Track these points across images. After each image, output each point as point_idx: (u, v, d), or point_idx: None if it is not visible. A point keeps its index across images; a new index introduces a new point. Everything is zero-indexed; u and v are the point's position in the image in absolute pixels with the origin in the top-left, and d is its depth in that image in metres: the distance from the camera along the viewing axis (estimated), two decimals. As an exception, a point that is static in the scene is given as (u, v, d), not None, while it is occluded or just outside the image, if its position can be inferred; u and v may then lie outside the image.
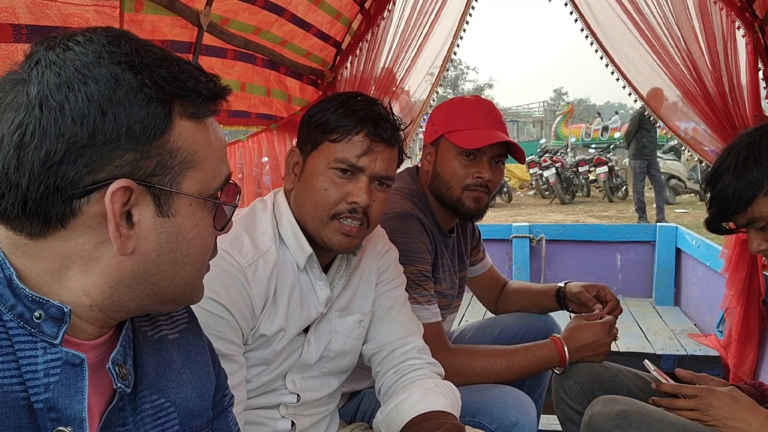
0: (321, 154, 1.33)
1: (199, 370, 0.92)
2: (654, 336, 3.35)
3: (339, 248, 1.36)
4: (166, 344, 0.89)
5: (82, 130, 0.66)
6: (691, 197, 14.07)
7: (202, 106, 0.75)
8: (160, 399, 0.84)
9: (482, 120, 1.83)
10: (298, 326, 1.39)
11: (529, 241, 4.20)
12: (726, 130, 2.67)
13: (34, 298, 0.70)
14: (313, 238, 1.37)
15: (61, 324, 0.70)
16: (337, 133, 1.31)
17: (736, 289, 2.80)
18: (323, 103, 1.37)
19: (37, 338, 0.70)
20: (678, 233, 4.02)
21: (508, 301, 2.30)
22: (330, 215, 1.32)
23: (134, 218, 0.71)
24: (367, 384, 1.82)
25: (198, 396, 0.90)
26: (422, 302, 1.75)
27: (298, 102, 2.84)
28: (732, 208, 1.44)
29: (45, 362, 0.69)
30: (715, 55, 2.58)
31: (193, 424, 0.88)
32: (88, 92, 0.67)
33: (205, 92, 0.75)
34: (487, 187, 1.84)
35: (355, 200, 1.31)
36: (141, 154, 0.69)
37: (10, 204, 0.67)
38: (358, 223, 1.33)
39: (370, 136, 1.31)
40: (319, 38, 2.75)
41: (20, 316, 0.69)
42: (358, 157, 1.31)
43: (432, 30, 3.01)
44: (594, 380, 1.77)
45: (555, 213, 12.81)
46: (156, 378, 0.84)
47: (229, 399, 1.00)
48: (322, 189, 1.32)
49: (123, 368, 0.78)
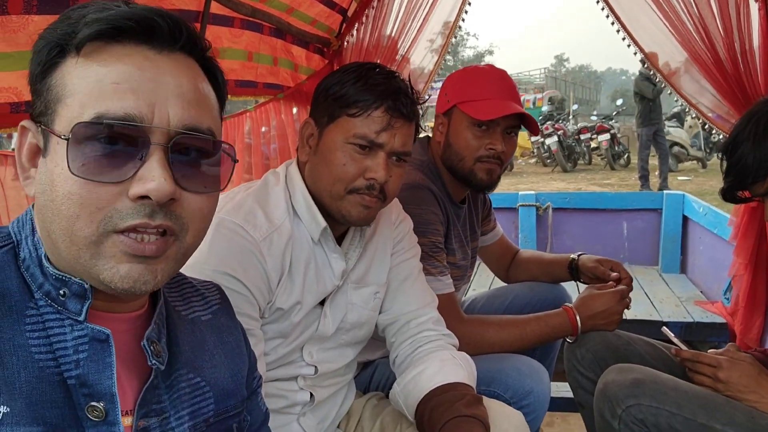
0: (339, 128, 1.31)
1: (232, 351, 0.93)
2: (661, 303, 3.37)
3: (357, 221, 1.35)
4: (199, 325, 0.90)
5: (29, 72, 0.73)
6: (693, 164, 14.04)
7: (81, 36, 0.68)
8: (196, 378, 0.84)
9: (496, 90, 1.80)
10: (314, 299, 1.39)
11: (535, 209, 4.20)
12: (737, 96, 2.64)
13: (58, 276, 0.71)
14: (329, 212, 1.35)
15: (83, 300, 0.71)
16: (355, 108, 1.29)
17: (744, 257, 2.80)
18: (340, 75, 1.34)
19: (64, 315, 0.71)
20: (685, 201, 4.02)
21: (520, 270, 2.30)
22: (347, 190, 1.30)
23: (37, 161, 0.72)
24: (381, 354, 1.83)
25: (231, 376, 0.90)
26: (435, 273, 1.75)
27: (304, 71, 2.81)
28: (751, 177, 1.43)
29: (73, 339, 0.70)
30: (728, 20, 2.54)
31: (228, 403, 0.88)
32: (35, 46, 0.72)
33: (87, 20, 0.69)
34: (500, 159, 1.82)
35: (373, 176, 1.29)
36: (36, 95, 0.72)
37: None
38: (375, 198, 1.32)
39: (389, 112, 1.29)
40: (326, 5, 2.71)
41: (48, 294, 0.71)
42: (377, 133, 1.28)
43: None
44: (606, 348, 1.78)
45: (557, 181, 12.79)
46: (192, 357, 0.85)
47: (258, 380, 1.01)
48: (340, 164, 1.29)
49: (158, 345, 0.78)
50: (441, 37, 3.20)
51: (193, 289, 0.95)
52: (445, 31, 3.15)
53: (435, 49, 3.23)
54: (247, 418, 0.95)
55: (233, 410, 0.89)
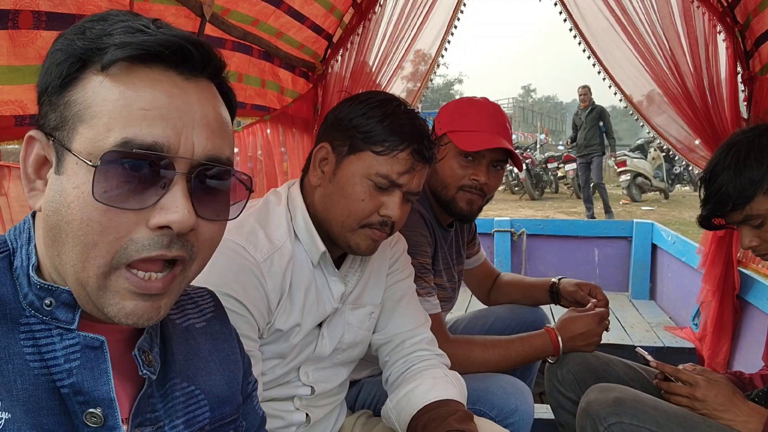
0: (361, 161, 1.31)
1: (227, 358, 0.93)
2: (632, 329, 3.45)
3: (364, 252, 1.36)
4: (193, 332, 0.90)
5: (40, 82, 0.72)
6: (656, 195, 14.43)
7: (110, 57, 0.67)
8: (191, 386, 0.84)
9: (486, 123, 1.85)
10: (313, 321, 1.40)
11: (510, 235, 4.28)
12: (705, 129, 2.77)
13: (42, 285, 0.70)
14: (335, 240, 1.36)
15: (74, 309, 0.71)
16: (382, 146, 1.29)
17: (712, 284, 2.91)
18: (365, 108, 1.33)
19: (51, 325, 0.71)
20: (654, 229, 4.15)
21: (501, 293, 2.36)
22: (360, 225, 1.32)
23: (44, 173, 0.71)
24: (367, 373, 1.86)
25: (226, 383, 0.90)
26: (423, 294, 1.79)
27: (290, 94, 2.85)
28: (730, 206, 1.48)
29: (63, 348, 0.70)
30: (697, 57, 2.68)
31: (223, 410, 0.88)
32: (51, 57, 0.70)
33: (116, 42, 0.68)
34: (482, 191, 1.86)
35: (388, 213, 1.31)
36: (51, 107, 0.70)
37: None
38: (385, 234, 1.35)
39: (414, 155, 1.30)
40: (313, 30, 2.76)
41: (31, 304, 0.70)
42: (399, 174, 1.30)
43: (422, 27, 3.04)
44: (586, 369, 1.84)
45: (525, 209, 12.99)
46: (185, 366, 0.85)
47: (253, 384, 1.01)
48: (358, 199, 1.30)
49: (149, 355, 0.78)
50: (422, 67, 3.29)
51: (187, 297, 0.95)
52: (426, 61, 3.24)
53: (415, 79, 3.31)
54: (243, 424, 0.95)
55: (229, 417, 0.90)
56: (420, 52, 3.22)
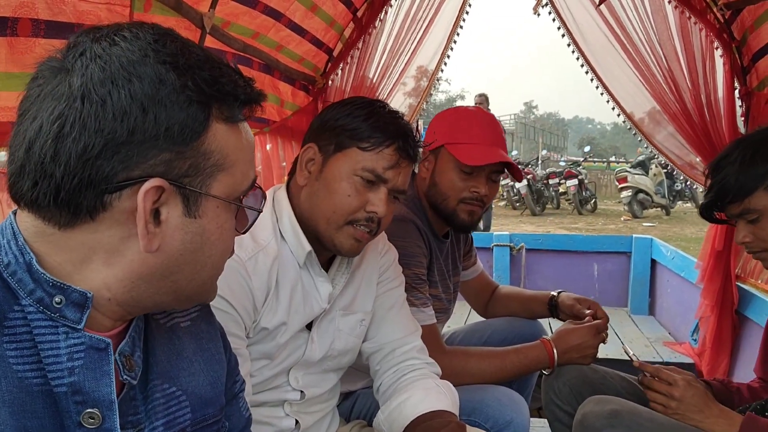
0: (347, 158, 1.35)
1: (211, 358, 0.93)
2: (630, 344, 3.43)
3: (347, 252, 1.38)
4: (178, 332, 0.90)
5: (122, 127, 0.67)
6: (657, 211, 14.42)
7: (237, 110, 0.76)
8: (171, 388, 0.84)
9: (484, 135, 1.87)
10: (300, 321, 1.41)
11: (509, 249, 4.28)
12: (703, 144, 2.78)
13: (54, 283, 0.70)
14: (321, 238, 1.38)
15: (83, 309, 0.71)
16: (368, 142, 1.34)
17: (711, 299, 2.90)
18: (350, 108, 1.38)
19: (59, 323, 0.70)
20: (653, 245, 4.15)
21: (499, 305, 2.35)
22: (347, 221, 1.34)
23: (162, 216, 0.71)
24: (362, 384, 1.85)
25: (210, 384, 0.90)
26: (418, 305, 1.79)
27: (289, 107, 2.87)
28: (730, 197, 1.51)
29: (67, 347, 0.70)
30: (695, 73, 2.70)
31: (206, 412, 0.88)
32: (131, 90, 0.67)
33: (242, 96, 0.75)
34: (482, 202, 1.89)
35: (374, 209, 1.34)
36: (176, 155, 0.70)
37: (42, 193, 0.67)
38: (369, 230, 1.36)
39: (399, 152, 1.35)
40: (313, 44, 2.79)
41: (40, 300, 0.70)
42: (385, 169, 1.34)
43: (422, 42, 3.07)
44: (583, 382, 1.83)
45: (526, 224, 12.98)
46: (168, 367, 0.85)
47: (240, 384, 1.01)
48: (345, 194, 1.33)
49: (130, 359, 0.78)
50: (423, 82, 3.32)
51: None
52: (426, 76, 3.26)
53: (416, 94, 3.34)
54: (226, 425, 0.95)
55: (212, 418, 0.89)
56: (422, 68, 3.25)
